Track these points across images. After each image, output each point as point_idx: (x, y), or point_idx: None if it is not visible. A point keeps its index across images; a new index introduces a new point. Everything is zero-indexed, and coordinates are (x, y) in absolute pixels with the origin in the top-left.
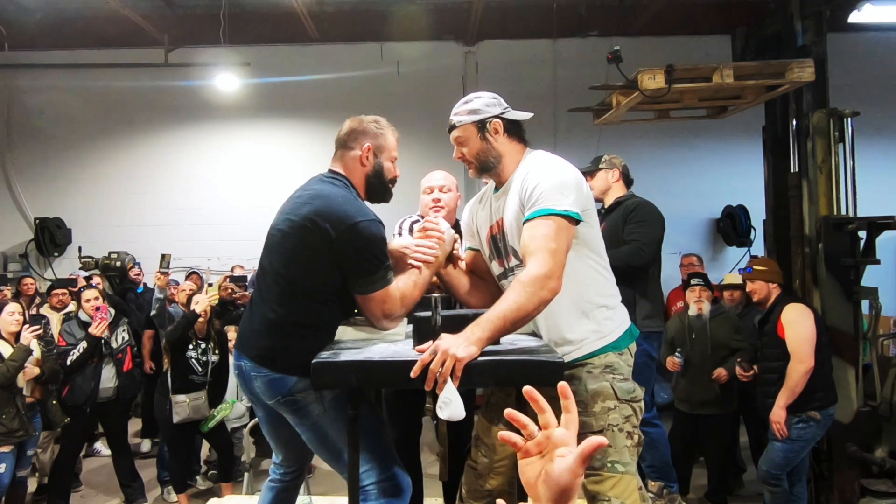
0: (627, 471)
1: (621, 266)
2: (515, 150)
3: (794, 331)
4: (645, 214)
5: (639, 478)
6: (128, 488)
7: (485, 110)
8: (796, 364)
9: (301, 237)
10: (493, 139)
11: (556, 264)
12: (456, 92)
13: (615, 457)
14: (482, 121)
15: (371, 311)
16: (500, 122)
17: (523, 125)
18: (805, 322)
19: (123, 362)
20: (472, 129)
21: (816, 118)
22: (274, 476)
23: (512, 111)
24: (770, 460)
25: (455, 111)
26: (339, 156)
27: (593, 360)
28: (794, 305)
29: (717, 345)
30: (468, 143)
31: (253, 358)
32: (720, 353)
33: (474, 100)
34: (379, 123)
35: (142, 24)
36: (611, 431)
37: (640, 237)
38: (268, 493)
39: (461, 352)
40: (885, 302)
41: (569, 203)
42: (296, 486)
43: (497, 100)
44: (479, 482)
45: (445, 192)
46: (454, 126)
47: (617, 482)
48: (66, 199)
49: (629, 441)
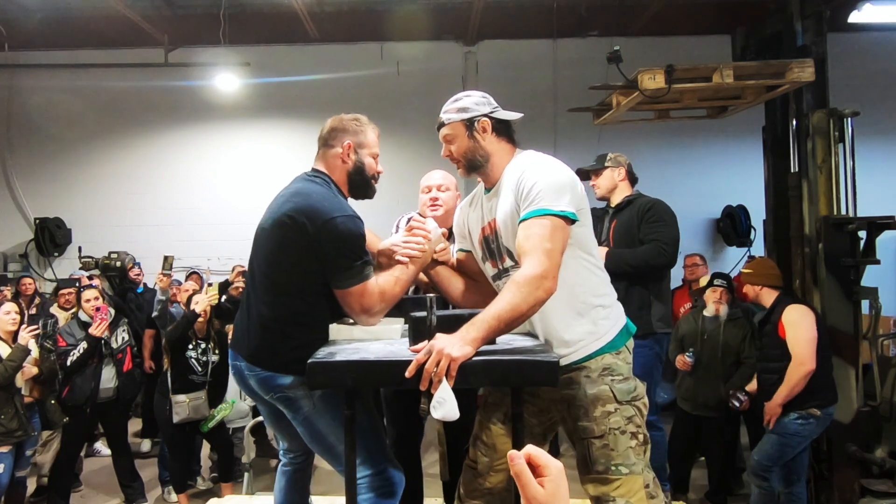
0: (632, 471)
1: (642, 266)
2: (504, 150)
3: (796, 332)
4: (662, 213)
5: (648, 473)
6: (128, 488)
7: (473, 109)
8: (797, 366)
9: (281, 234)
10: (480, 138)
11: (552, 264)
12: (456, 92)
13: (619, 460)
14: (470, 119)
15: (349, 306)
16: (489, 121)
17: (513, 125)
18: (806, 323)
19: (123, 362)
20: (461, 126)
21: (816, 118)
22: (284, 461)
23: (501, 111)
24: (763, 451)
25: (444, 109)
26: (321, 154)
27: (590, 363)
28: (796, 306)
29: (728, 349)
30: (456, 140)
31: (247, 357)
32: (730, 358)
33: (464, 98)
34: (359, 121)
35: (142, 24)
36: (612, 435)
37: (661, 237)
38: (282, 478)
39: (456, 351)
40: (885, 302)
41: (565, 203)
42: (307, 467)
43: (486, 99)
44: (479, 481)
45: (444, 191)
46: (443, 124)
47: (621, 483)
48: (66, 199)
49: (633, 441)
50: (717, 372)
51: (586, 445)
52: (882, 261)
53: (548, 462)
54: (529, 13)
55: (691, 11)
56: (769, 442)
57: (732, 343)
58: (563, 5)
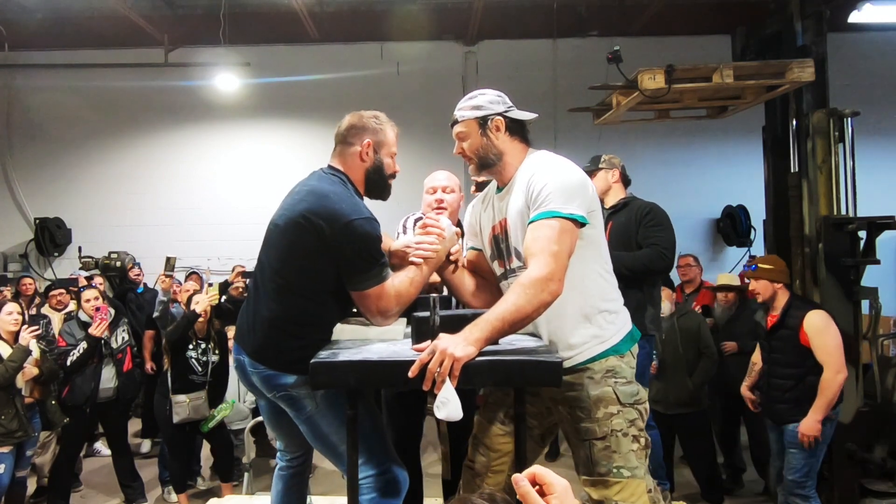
0: (634, 475)
1: (641, 270)
2: (517, 150)
3: (824, 340)
4: (661, 218)
5: (649, 479)
6: (128, 488)
7: (487, 107)
8: (834, 375)
9: (296, 235)
10: (493, 136)
11: (558, 267)
12: (456, 92)
13: (620, 462)
14: (484, 117)
15: (366, 308)
16: (502, 119)
17: (527, 125)
18: (832, 330)
19: (123, 362)
20: (474, 124)
21: (816, 118)
22: (281, 463)
23: (516, 111)
24: (793, 469)
25: (459, 106)
26: (338, 151)
27: (594, 364)
28: (818, 312)
29: (687, 343)
30: (469, 138)
31: (250, 354)
32: (691, 352)
33: (478, 96)
34: (378, 119)
35: (142, 24)
36: (615, 437)
37: (661, 241)
38: (279, 482)
39: (459, 351)
40: (885, 302)
41: (575, 206)
42: (304, 471)
43: (501, 98)
44: (477, 481)
45: (448, 192)
46: (456, 121)
47: (623, 487)
48: (66, 199)
49: (635, 445)
50: (681, 368)
51: (588, 447)
52: (882, 261)
53: (553, 481)
54: (529, 13)
55: (691, 11)
56: (795, 458)
57: (689, 336)
58: (563, 5)
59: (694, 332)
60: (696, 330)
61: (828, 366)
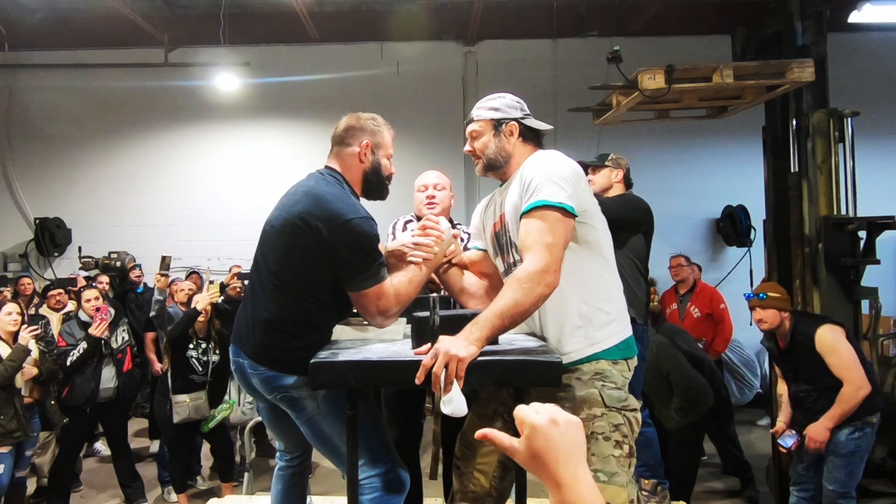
0: (611, 481)
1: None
2: (526, 153)
3: (839, 358)
4: (627, 198)
5: (633, 489)
6: (128, 488)
7: (504, 111)
8: (855, 391)
9: (293, 236)
10: (506, 140)
11: (553, 258)
12: (456, 92)
13: (597, 465)
14: (499, 120)
15: (365, 308)
16: (517, 125)
17: (542, 135)
18: (842, 343)
19: (123, 362)
20: (489, 125)
21: (816, 118)
22: (281, 463)
23: (532, 119)
24: (835, 479)
25: (477, 105)
26: (335, 152)
27: (583, 366)
28: (824, 328)
29: (651, 372)
30: (481, 137)
31: (250, 356)
32: (657, 380)
33: (497, 99)
34: (376, 121)
35: (142, 24)
36: (595, 440)
37: (607, 203)
38: (279, 483)
39: (462, 352)
40: (885, 302)
41: (565, 196)
42: (304, 471)
43: (520, 104)
44: (462, 481)
45: (439, 189)
46: (472, 119)
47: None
48: (66, 199)
49: (617, 451)
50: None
51: None
52: (882, 261)
53: (523, 418)
54: (529, 13)
55: (691, 11)
56: (835, 467)
57: (650, 364)
58: (563, 5)
59: (652, 360)
60: (652, 357)
61: (848, 381)
